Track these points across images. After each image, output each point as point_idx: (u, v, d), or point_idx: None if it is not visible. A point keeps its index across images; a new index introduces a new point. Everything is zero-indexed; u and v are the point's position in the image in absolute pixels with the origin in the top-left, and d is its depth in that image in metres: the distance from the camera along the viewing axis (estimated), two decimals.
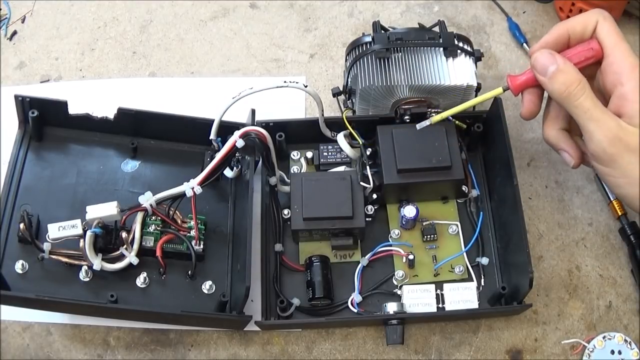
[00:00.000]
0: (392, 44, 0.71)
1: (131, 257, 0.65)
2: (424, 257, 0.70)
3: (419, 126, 0.68)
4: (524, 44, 0.83)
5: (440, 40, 0.71)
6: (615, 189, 0.61)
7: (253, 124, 0.69)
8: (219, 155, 0.67)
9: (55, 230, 0.63)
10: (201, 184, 0.67)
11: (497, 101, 0.69)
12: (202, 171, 0.67)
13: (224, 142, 0.67)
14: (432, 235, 0.70)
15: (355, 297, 0.68)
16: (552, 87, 0.60)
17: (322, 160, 0.73)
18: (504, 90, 0.64)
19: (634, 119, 0.57)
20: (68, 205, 0.69)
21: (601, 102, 0.60)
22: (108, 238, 0.65)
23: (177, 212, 0.68)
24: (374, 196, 0.70)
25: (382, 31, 0.73)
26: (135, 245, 0.66)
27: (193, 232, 0.68)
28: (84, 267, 0.65)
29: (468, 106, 0.67)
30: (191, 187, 0.66)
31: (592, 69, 0.62)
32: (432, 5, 0.87)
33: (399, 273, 0.69)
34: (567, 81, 0.59)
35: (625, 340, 0.68)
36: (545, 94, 0.63)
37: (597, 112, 0.58)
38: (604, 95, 0.61)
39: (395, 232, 0.71)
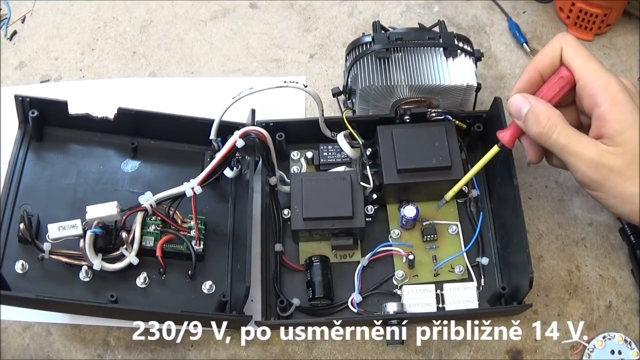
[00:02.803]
0: (392, 44, 0.70)
1: (131, 257, 0.65)
2: (424, 257, 0.70)
3: (437, 207, 0.69)
4: (524, 44, 0.83)
5: (440, 40, 0.71)
6: (610, 209, 0.61)
7: (253, 124, 0.69)
8: (219, 155, 0.67)
9: (55, 230, 0.63)
10: (201, 184, 0.67)
11: (497, 101, 0.69)
12: (202, 171, 0.67)
13: (224, 142, 0.67)
14: (432, 235, 0.70)
15: (355, 297, 0.68)
16: (527, 129, 0.60)
17: (322, 160, 0.73)
18: (500, 148, 0.64)
19: (615, 138, 0.57)
20: (68, 205, 0.69)
21: (587, 123, 0.59)
22: (108, 238, 0.65)
23: (177, 212, 0.68)
24: (374, 196, 0.70)
25: (382, 31, 0.73)
26: (135, 245, 0.66)
27: (193, 232, 0.68)
28: (84, 267, 0.65)
29: (472, 175, 0.67)
30: (191, 187, 0.66)
31: (573, 93, 0.61)
32: (432, 5, 0.87)
33: (399, 273, 0.69)
34: (537, 120, 0.59)
35: (625, 340, 0.68)
36: None
37: (574, 145, 0.58)
38: (587, 116, 0.61)
39: (395, 232, 0.71)
